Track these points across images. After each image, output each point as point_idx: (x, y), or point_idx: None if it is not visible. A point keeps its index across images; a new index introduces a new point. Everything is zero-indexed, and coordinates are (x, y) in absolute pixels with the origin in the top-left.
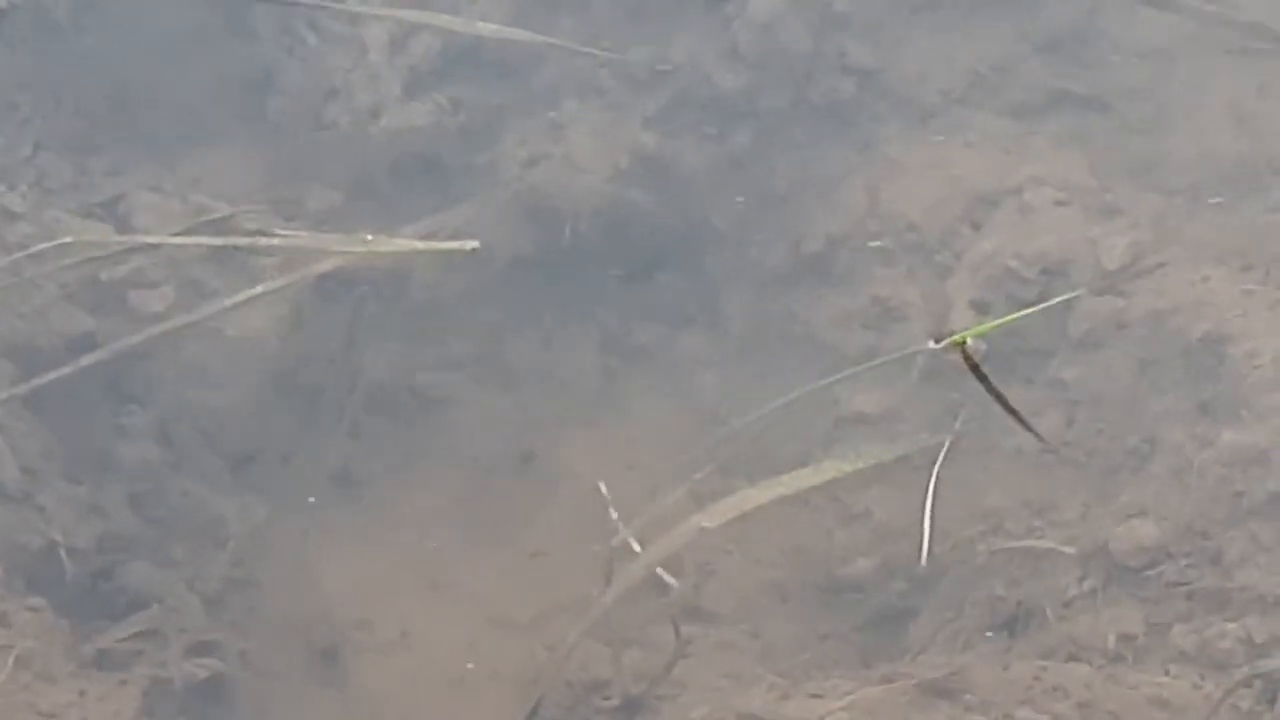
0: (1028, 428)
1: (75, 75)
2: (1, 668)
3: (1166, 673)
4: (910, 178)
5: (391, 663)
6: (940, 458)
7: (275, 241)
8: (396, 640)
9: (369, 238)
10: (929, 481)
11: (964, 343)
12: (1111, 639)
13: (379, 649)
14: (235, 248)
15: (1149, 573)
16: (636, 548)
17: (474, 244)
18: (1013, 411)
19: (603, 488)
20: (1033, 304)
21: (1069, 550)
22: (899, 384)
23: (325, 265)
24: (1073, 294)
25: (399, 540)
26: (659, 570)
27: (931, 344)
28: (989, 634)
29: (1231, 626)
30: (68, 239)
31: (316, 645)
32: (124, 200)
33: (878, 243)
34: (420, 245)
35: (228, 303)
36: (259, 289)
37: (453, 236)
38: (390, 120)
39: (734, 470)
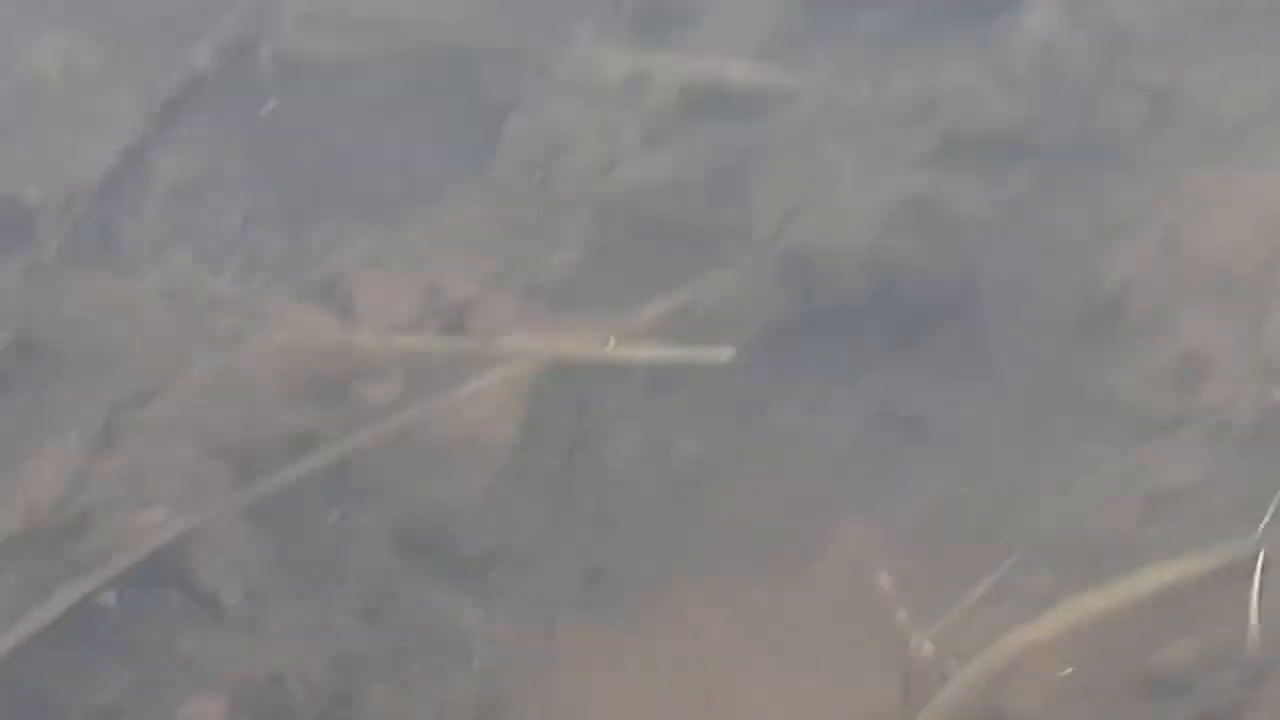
0: None
1: (290, 141)
2: None
3: None
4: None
5: None
6: (1264, 521)
7: (506, 348)
8: None
9: (612, 342)
10: (1256, 559)
11: None
12: None
13: None
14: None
15: None
16: (932, 654)
17: (729, 352)
18: None
19: (885, 583)
20: None
21: None
22: (1212, 451)
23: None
24: None
25: (663, 658)
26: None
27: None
28: None
29: None
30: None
31: None
32: (344, 280)
33: None
34: (667, 354)
35: (460, 393)
36: (493, 378)
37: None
38: (628, 174)
39: (1037, 563)
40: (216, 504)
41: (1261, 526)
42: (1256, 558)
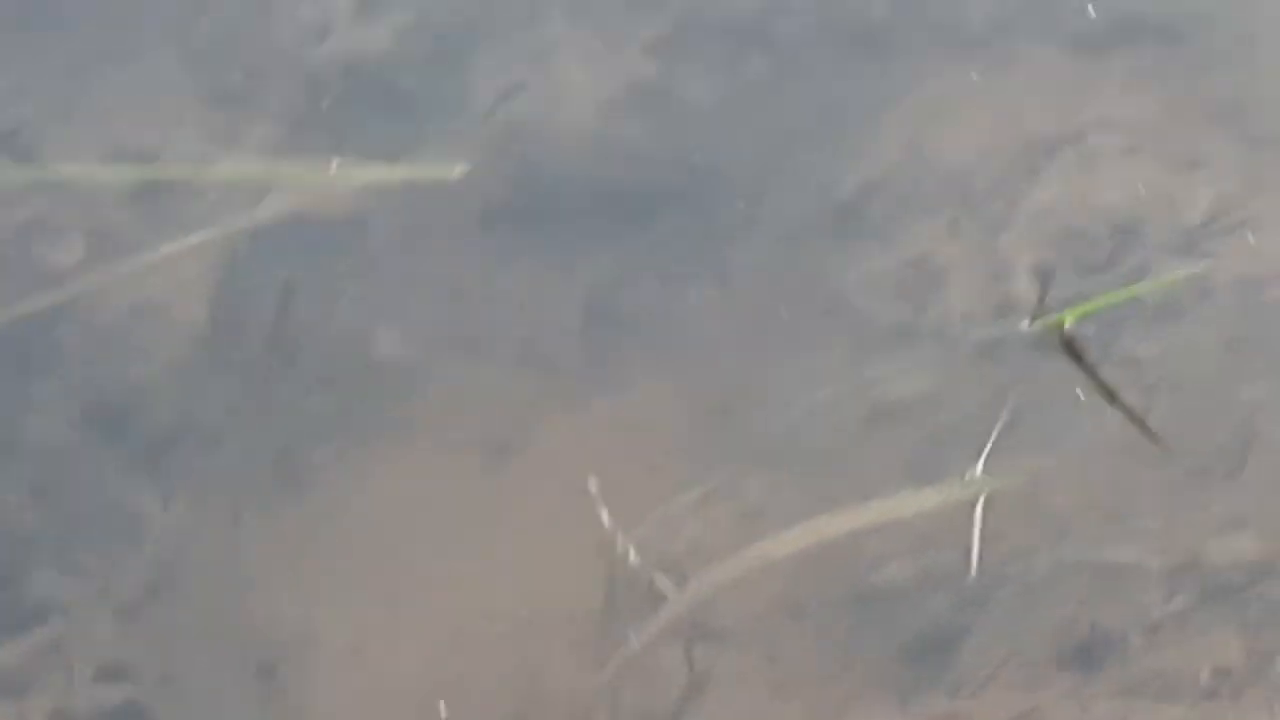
0: (1142, 427)
1: None
2: None
3: (1273, 712)
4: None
5: (340, 686)
6: (987, 449)
7: (222, 172)
8: (347, 660)
9: (335, 163)
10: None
11: (1064, 325)
12: (1206, 672)
13: (326, 669)
14: (173, 182)
15: (1249, 593)
16: (634, 557)
17: (460, 168)
18: (1125, 409)
19: (592, 486)
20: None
21: (1153, 564)
22: (941, 363)
23: (266, 212)
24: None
25: (351, 542)
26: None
27: (1025, 324)
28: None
29: None
30: None
31: (251, 664)
32: (26, 130)
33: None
34: (396, 173)
35: (151, 257)
36: (190, 240)
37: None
38: (341, 43)
39: (753, 474)
40: None
41: (985, 453)
42: (978, 487)
